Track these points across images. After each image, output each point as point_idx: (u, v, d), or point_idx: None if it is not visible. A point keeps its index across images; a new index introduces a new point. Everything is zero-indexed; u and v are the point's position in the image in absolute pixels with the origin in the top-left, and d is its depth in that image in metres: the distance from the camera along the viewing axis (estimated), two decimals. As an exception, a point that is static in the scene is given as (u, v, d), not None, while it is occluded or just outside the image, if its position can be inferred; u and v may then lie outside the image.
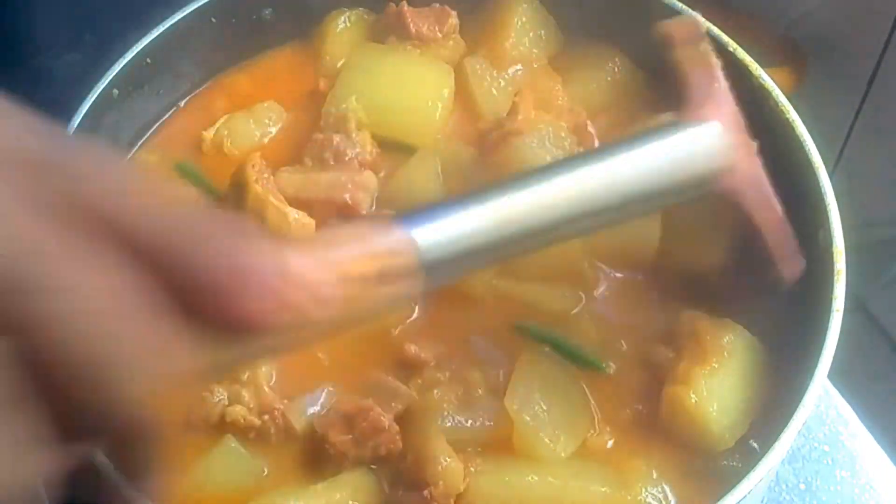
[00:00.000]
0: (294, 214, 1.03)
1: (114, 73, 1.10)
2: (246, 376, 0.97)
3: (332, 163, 1.07)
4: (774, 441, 0.90)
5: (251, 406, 0.96)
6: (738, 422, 0.96)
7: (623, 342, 1.03)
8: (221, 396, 0.96)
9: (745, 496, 0.88)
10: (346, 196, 1.05)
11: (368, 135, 1.10)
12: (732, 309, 1.01)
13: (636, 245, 1.06)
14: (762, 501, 1.11)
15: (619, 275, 1.07)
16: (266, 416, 0.96)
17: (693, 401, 0.95)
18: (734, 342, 0.98)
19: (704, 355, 0.97)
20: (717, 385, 0.96)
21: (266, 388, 0.97)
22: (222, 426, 0.96)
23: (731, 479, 0.89)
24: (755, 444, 0.96)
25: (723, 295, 1.03)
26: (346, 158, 1.07)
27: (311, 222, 1.04)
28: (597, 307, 1.05)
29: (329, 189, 1.06)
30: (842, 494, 1.12)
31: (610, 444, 0.98)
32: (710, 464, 0.97)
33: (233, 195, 1.05)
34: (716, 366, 0.96)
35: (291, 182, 1.06)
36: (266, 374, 0.99)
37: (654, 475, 0.96)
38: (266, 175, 1.05)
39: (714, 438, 0.96)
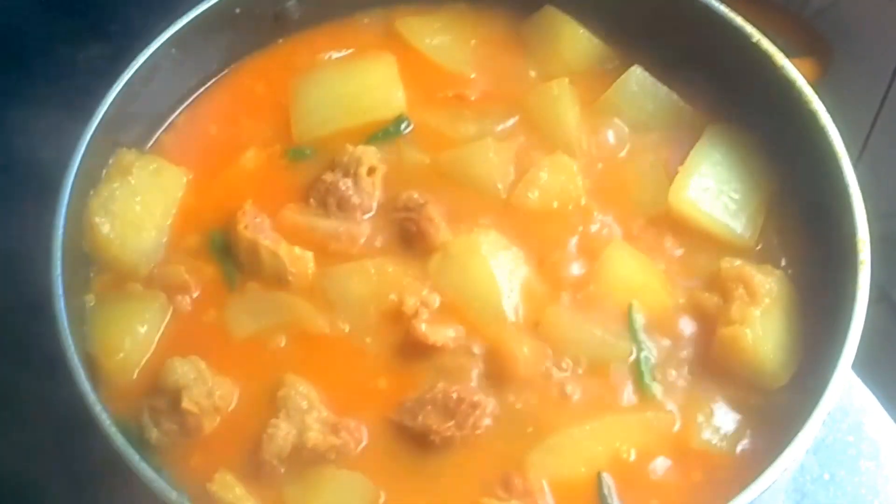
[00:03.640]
0: (295, 250, 1.05)
1: (139, 64, 1.10)
2: (305, 404, 0.97)
3: (335, 209, 1.08)
4: (798, 431, 0.90)
5: (320, 429, 0.96)
6: (790, 359, 1.00)
7: (671, 288, 1.06)
8: (288, 430, 0.95)
9: (769, 486, 0.88)
10: (337, 245, 1.07)
11: (379, 179, 1.10)
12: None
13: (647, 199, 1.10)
14: (787, 491, 1.11)
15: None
16: (343, 433, 0.96)
17: (750, 339, 0.99)
18: (779, 283, 1.03)
19: (755, 296, 1.01)
20: (770, 324, 1.00)
21: (325, 411, 0.97)
22: (299, 456, 0.95)
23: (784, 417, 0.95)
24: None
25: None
26: (350, 205, 1.08)
27: (309, 255, 1.05)
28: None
29: (324, 237, 1.07)
30: (866, 484, 1.12)
31: (659, 394, 1.00)
32: (765, 401, 1.00)
33: (220, 239, 1.08)
34: (768, 305, 1.01)
35: (293, 222, 1.08)
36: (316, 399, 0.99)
37: (711, 412, 0.99)
38: (258, 219, 1.07)
39: (770, 376, 0.99)
